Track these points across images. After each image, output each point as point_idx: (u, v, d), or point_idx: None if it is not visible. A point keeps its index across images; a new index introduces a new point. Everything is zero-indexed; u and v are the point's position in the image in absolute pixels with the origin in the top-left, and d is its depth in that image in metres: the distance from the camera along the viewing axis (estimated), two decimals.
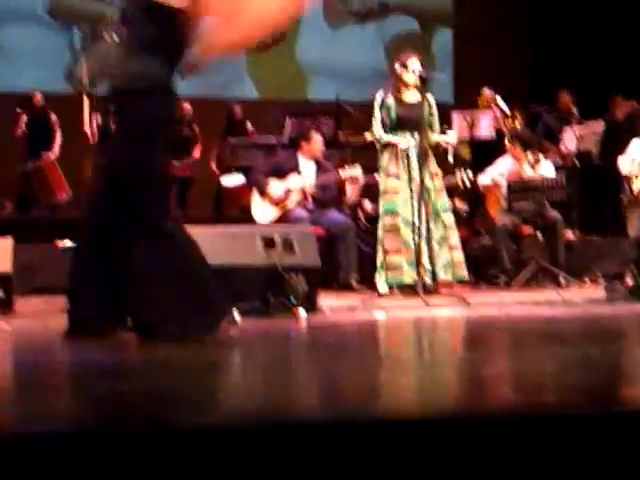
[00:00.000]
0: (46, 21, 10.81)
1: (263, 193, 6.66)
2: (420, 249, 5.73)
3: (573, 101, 9.12)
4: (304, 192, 6.62)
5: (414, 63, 6.02)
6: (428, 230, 5.86)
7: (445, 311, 5.20)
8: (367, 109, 6.48)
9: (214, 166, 9.15)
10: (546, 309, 5.32)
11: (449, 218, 6.07)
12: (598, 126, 8.33)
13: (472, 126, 7.91)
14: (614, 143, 7.74)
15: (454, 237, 6.06)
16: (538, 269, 6.81)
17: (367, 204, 7.07)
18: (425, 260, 5.83)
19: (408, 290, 5.80)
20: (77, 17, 11.07)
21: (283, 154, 7.03)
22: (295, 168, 6.69)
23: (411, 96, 6.05)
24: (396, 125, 6.02)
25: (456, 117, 7.94)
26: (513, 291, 6.44)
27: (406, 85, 6.03)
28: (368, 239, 6.93)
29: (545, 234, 6.96)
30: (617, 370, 2.95)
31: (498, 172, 7.12)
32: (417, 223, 5.75)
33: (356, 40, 11.65)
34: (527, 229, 7.02)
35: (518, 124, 8.82)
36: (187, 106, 9.25)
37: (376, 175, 6.31)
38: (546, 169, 7.08)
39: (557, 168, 7.38)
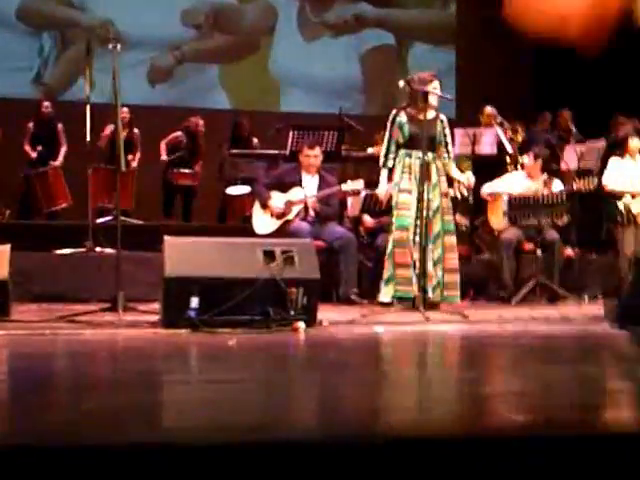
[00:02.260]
0: (15, 25, 10.73)
1: (264, 205, 6.69)
2: (422, 265, 5.79)
3: (573, 120, 9.17)
4: (305, 205, 6.65)
5: (435, 83, 6.02)
6: (424, 250, 5.87)
7: (444, 327, 5.21)
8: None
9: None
10: (545, 326, 5.34)
11: (451, 240, 6.08)
12: (599, 145, 8.37)
13: (474, 142, 7.97)
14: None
15: (452, 260, 6.05)
16: (537, 286, 6.84)
17: (367, 218, 7.08)
18: (419, 278, 5.86)
19: (407, 303, 5.81)
20: (47, 22, 11.04)
21: (286, 167, 7.05)
22: (298, 181, 6.72)
23: (424, 115, 6.05)
24: (408, 143, 6.03)
25: (458, 133, 7.99)
26: (512, 307, 6.46)
27: (423, 104, 6.00)
28: (369, 253, 6.95)
29: (544, 251, 6.98)
30: (607, 391, 2.97)
31: (504, 186, 7.15)
32: (418, 240, 5.82)
33: (330, 52, 11.60)
34: (528, 245, 7.05)
35: (520, 137, 8.88)
36: (201, 121, 9.32)
37: (377, 190, 6.33)
38: (557, 188, 7.11)
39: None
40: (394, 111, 6.16)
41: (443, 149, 6.15)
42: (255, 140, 9.24)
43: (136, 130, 9.15)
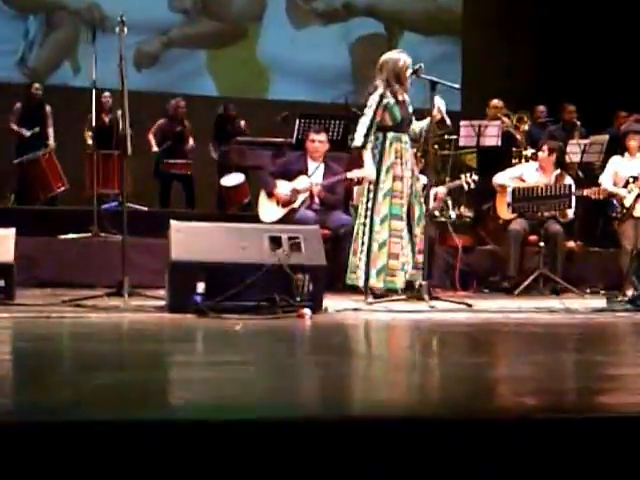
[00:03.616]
0: (0, 8, 10.69)
1: (270, 194, 6.70)
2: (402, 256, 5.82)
3: (577, 114, 9.18)
4: (311, 193, 6.66)
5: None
6: (412, 234, 5.89)
7: (449, 315, 5.24)
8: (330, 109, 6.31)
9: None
10: (548, 315, 5.37)
11: (423, 223, 5.99)
12: (602, 139, 8.40)
13: (479, 135, 8.00)
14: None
15: (422, 241, 5.97)
16: (539, 277, 6.86)
17: None
18: (403, 267, 5.88)
19: (407, 293, 5.81)
20: (33, 5, 10.99)
21: (292, 155, 7.06)
22: (304, 169, 6.73)
23: (403, 96, 5.96)
24: (400, 125, 5.90)
25: (464, 126, 8.02)
26: (515, 298, 6.48)
27: (404, 88, 5.90)
28: None
29: (547, 243, 7.00)
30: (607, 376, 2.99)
31: (516, 175, 7.16)
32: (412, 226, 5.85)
33: (319, 40, 11.58)
34: (533, 237, 7.07)
35: (526, 127, 8.91)
36: (183, 102, 9.28)
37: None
38: (568, 182, 7.12)
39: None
40: (380, 91, 5.88)
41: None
42: (242, 122, 9.25)
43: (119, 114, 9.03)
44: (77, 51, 10.99)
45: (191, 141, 9.25)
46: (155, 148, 9.08)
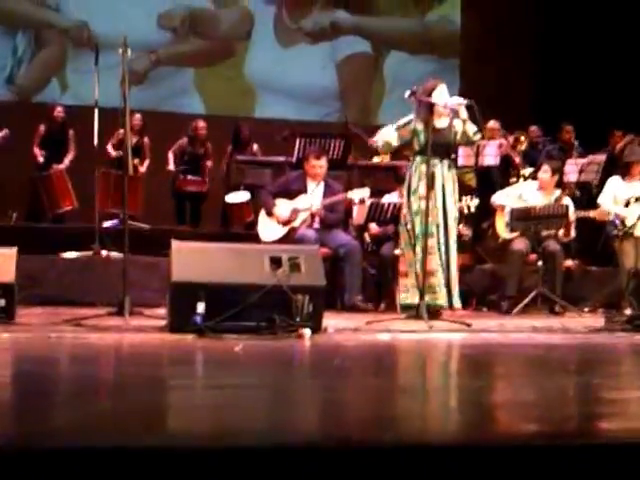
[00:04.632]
0: None
1: (270, 213, 6.74)
2: (440, 273, 5.88)
3: (575, 134, 9.23)
4: (311, 212, 6.70)
5: (439, 89, 6.00)
6: (448, 255, 5.94)
7: (447, 335, 5.26)
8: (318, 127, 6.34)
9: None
10: (546, 335, 5.39)
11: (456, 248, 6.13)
12: (600, 158, 8.44)
13: (477, 154, 8.05)
14: (612, 175, 7.82)
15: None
16: (538, 296, 6.88)
17: (373, 225, 7.12)
18: (442, 284, 5.92)
19: (412, 312, 5.82)
20: (21, 23, 11.06)
21: (292, 174, 7.10)
22: (303, 188, 6.77)
23: (440, 123, 6.04)
24: (425, 150, 5.94)
25: (462, 146, 8.05)
26: (514, 317, 6.50)
27: (429, 114, 5.94)
28: (373, 261, 7.00)
29: (546, 262, 7.02)
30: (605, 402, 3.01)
31: (515, 195, 7.18)
32: (442, 247, 5.91)
33: (307, 59, 11.66)
34: (532, 256, 7.09)
35: (523, 147, 8.95)
36: (202, 123, 9.35)
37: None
38: (567, 203, 7.14)
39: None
40: (411, 116, 6.02)
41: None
42: (255, 146, 9.31)
43: (146, 139, 9.20)
44: (65, 69, 11.09)
45: (210, 163, 9.30)
46: (171, 167, 9.14)
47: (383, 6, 12.24)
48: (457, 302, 6.01)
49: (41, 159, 8.93)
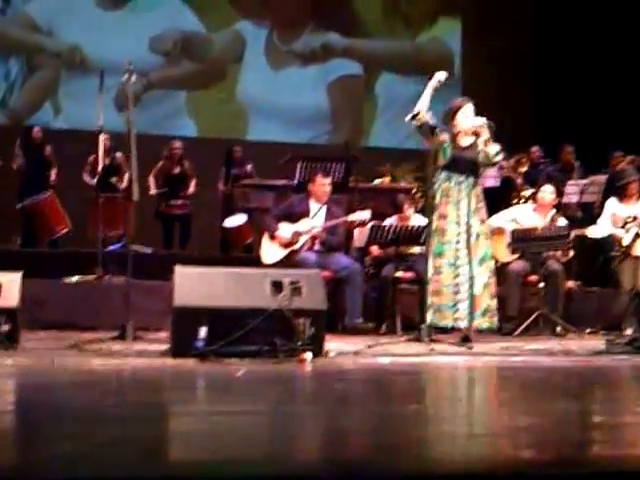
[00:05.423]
0: None
1: (272, 236, 6.77)
2: (458, 292, 5.90)
3: (575, 155, 9.27)
4: (312, 235, 6.73)
5: (465, 109, 6.08)
6: (471, 274, 5.96)
7: (449, 358, 5.27)
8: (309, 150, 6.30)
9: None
10: (548, 358, 5.40)
11: (492, 265, 6.16)
12: (601, 179, 8.46)
13: None
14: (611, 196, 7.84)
15: (494, 285, 6.15)
16: (540, 318, 6.89)
17: (374, 248, 7.15)
18: (464, 304, 5.94)
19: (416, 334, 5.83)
20: (14, 47, 11.15)
21: (295, 198, 7.13)
22: (306, 212, 6.81)
23: (464, 141, 6.11)
24: (449, 166, 6.04)
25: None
26: (515, 339, 6.51)
27: (463, 132, 6.05)
28: (374, 283, 7.02)
29: (547, 283, 7.03)
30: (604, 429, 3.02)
31: (510, 218, 7.21)
32: (460, 266, 5.93)
33: (298, 81, 11.74)
34: (533, 277, 7.10)
35: (524, 169, 8.98)
36: (177, 144, 9.40)
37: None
38: (562, 223, 7.17)
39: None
40: (445, 135, 6.07)
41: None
42: (249, 166, 9.37)
43: (119, 154, 8.89)
44: (58, 92, 11.16)
45: (193, 182, 9.34)
46: (153, 191, 9.16)
47: (373, 28, 12.33)
48: (480, 322, 6.00)
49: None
